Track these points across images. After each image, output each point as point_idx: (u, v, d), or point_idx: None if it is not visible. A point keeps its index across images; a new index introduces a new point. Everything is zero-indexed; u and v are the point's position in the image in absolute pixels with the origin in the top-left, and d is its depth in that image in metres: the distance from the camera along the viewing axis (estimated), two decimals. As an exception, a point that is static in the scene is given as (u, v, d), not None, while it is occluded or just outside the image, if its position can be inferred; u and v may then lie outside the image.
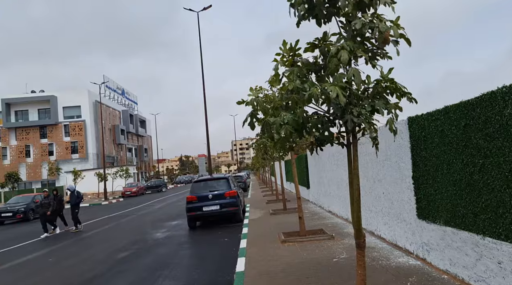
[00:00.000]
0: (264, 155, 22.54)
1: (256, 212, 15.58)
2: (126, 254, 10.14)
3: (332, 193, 12.71)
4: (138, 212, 22.30)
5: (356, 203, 4.29)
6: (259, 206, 17.99)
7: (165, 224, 15.70)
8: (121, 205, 30.35)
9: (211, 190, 13.59)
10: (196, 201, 13.42)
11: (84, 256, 10.45)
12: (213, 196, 13.41)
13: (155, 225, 15.55)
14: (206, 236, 11.99)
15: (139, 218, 19.04)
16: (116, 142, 74.02)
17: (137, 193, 41.28)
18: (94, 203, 34.41)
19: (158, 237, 12.48)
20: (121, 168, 47.54)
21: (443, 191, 5.30)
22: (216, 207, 13.32)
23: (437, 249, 5.66)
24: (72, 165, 63.88)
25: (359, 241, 4.25)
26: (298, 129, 4.07)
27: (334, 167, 11.99)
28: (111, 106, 73.48)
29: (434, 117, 5.39)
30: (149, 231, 14.14)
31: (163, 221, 16.62)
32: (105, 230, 15.70)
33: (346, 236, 8.85)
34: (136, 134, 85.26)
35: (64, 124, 66.33)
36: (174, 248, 10.43)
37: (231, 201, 13.48)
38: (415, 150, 6.09)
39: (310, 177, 17.45)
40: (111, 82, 76.46)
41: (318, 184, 15.19)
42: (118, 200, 36.90)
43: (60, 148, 66.25)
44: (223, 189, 13.68)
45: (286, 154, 14.01)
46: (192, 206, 13.40)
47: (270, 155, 16.56)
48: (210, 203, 13.35)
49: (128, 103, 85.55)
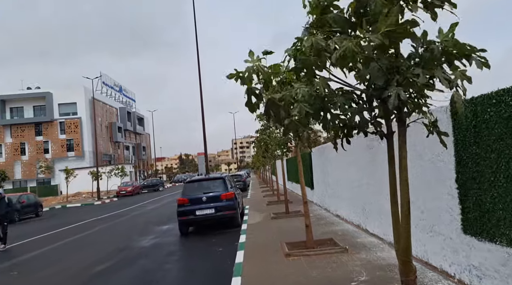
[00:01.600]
0: (264, 153, 21.21)
1: (256, 215, 14.20)
2: (103, 267, 8.74)
3: (341, 196, 11.31)
4: (130, 214, 20.89)
5: (404, 221, 2.88)
6: (259, 208, 16.59)
7: (155, 228, 14.30)
8: (114, 205, 28.95)
9: (206, 192, 12.18)
10: (188, 204, 12.01)
11: (55, 269, 9.04)
12: (207, 198, 12.01)
13: (144, 230, 14.16)
14: (198, 244, 10.60)
15: (128, 221, 17.63)
16: (113, 140, 72.58)
17: (132, 193, 39.87)
18: (87, 203, 33.00)
19: (144, 246, 11.07)
20: (116, 167, 46.08)
21: (508, 199, 3.90)
22: (210, 211, 11.92)
23: (495, 277, 4.26)
24: (68, 163, 62.35)
25: (407, 280, 2.83)
26: (316, 107, 2.66)
27: (344, 166, 10.60)
28: (108, 103, 72.02)
29: (495, 100, 3.98)
30: (136, 237, 12.73)
31: (153, 225, 15.22)
32: (86, 236, 14.26)
33: (361, 248, 7.45)
34: (134, 132, 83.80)
35: (59, 121, 64.90)
36: (160, 260, 9.03)
37: (228, 204, 12.08)
38: (461, 145, 4.68)
39: (315, 177, 16.05)
40: (108, 79, 74.98)
41: (324, 185, 13.80)
42: (112, 200, 35.47)
43: (56, 146, 64.85)
44: (219, 190, 12.27)
45: (290, 151, 12.59)
46: (183, 210, 12.00)
47: (271, 153, 15.16)
48: (204, 206, 11.94)
49: (126, 101, 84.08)
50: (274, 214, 13.44)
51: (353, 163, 9.66)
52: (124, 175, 46.96)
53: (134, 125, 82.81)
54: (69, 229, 16.48)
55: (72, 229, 16.22)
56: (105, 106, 70.60)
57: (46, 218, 23.81)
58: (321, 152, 13.99)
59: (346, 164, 10.39)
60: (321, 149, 13.90)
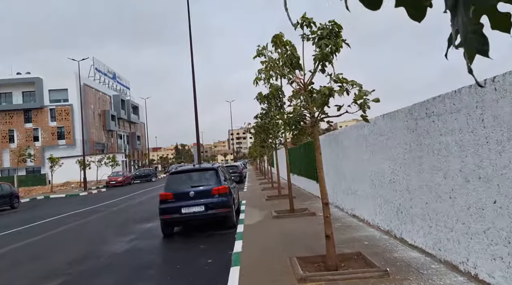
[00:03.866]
0: (263, 142, 19.03)
1: (254, 213, 12.02)
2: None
3: (361, 192, 9.12)
4: (114, 207, 18.68)
5: None
6: (257, 203, 14.42)
7: (136, 227, 12.11)
8: (101, 196, 26.74)
9: (194, 186, 9.98)
10: (173, 200, 9.82)
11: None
12: (196, 193, 9.81)
13: (122, 228, 11.98)
14: (182, 252, 8.40)
15: (109, 216, 15.42)
16: (106, 128, 70.14)
17: (123, 183, 37.65)
18: (72, 194, 30.73)
19: (116, 252, 8.86)
20: (107, 156, 43.76)
21: None
22: (199, 208, 9.73)
23: None
24: (58, 152, 60.12)
25: None
26: None
27: (366, 155, 8.41)
28: (100, 90, 69.47)
29: None
30: (110, 238, 10.55)
31: (135, 222, 13.02)
32: (52, 235, 11.99)
33: (405, 270, 5.26)
34: (128, 121, 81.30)
35: (50, 108, 62.48)
36: (128, 274, 6.85)
37: (221, 200, 9.89)
38: None
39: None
40: (101, 65, 72.33)
41: (336, 178, 11.62)
42: (100, 191, 33.21)
43: (46, 134, 62.45)
44: (210, 184, 10.08)
45: (304, 133, 10.29)
46: (166, 207, 9.81)
47: (274, 134, 13.02)
48: (192, 203, 9.75)
49: (120, 88, 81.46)
50: (276, 212, 11.26)
51: (381, 151, 7.46)
52: (116, 164, 44.66)
53: (128, 114, 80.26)
54: (38, 225, 14.28)
55: (41, 226, 14.02)
56: (98, 93, 68.08)
57: (22, 210, 21.57)
58: (332, 139, 11.79)
59: (369, 153, 8.19)
60: (333, 136, 11.70)
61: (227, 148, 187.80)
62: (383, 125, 7.30)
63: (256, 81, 11.42)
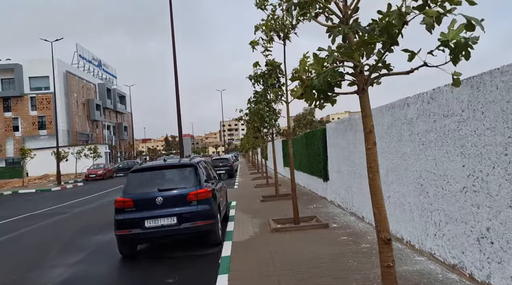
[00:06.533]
0: (256, 133, 16.30)
1: (247, 221, 9.31)
2: None
3: (395, 200, 6.42)
4: (79, 208, 15.81)
5: None
6: (250, 206, 11.71)
7: (91, 240, 9.30)
8: (74, 192, 23.81)
9: (163, 189, 7.20)
10: (133, 209, 7.04)
11: None
12: (165, 199, 7.04)
13: (72, 242, 9.19)
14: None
15: (66, 222, 12.54)
16: (90, 118, 66.81)
17: (103, 176, 34.69)
18: (43, 188, 27.65)
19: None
20: (88, 147, 40.69)
21: None
22: (170, 221, 6.97)
23: None
24: (39, 142, 56.98)
25: None
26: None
27: (410, 147, 5.71)
28: (85, 78, 65.97)
29: None
30: (49, 259, 7.76)
31: (93, 232, 10.20)
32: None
33: None
34: (114, 110, 77.92)
35: (30, 96, 59.15)
36: None
37: (201, 209, 7.12)
38: None
39: (330, 163, 11.21)
40: (85, 52, 68.78)
41: (351, 176, 8.93)
42: (75, 185, 30.19)
43: (26, 123, 59.18)
44: (186, 186, 7.30)
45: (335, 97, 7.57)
46: (124, 219, 7.03)
47: (269, 122, 10.37)
48: (159, 213, 6.98)
49: (106, 77, 77.92)
50: (275, 222, 8.54)
51: (445, 141, 4.77)
52: (98, 156, 41.65)
53: (114, 103, 76.85)
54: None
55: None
56: (82, 81, 64.66)
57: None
58: (348, 127, 9.09)
59: (417, 145, 5.49)
60: (349, 123, 9.00)
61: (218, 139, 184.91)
62: (452, 100, 4.60)
63: (252, 45, 8.69)
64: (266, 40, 8.48)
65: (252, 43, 8.64)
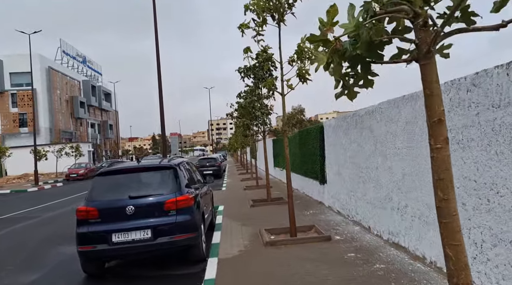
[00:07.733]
0: (245, 131, 15.19)
1: (236, 230, 8.14)
2: None
3: (414, 211, 5.32)
4: (50, 212, 14.40)
5: None
6: (240, 211, 10.54)
7: (53, 253, 8.01)
8: (51, 194, 22.31)
9: (134, 196, 5.97)
10: (98, 221, 5.82)
11: None
12: (137, 208, 5.83)
13: (31, 257, 7.90)
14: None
15: (31, 230, 11.14)
16: (74, 115, 64.80)
17: (85, 176, 33.09)
18: (19, 189, 26.02)
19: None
20: (69, 145, 39.05)
21: None
22: (143, 235, 5.76)
23: None
24: (20, 140, 54.88)
25: None
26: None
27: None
28: (68, 74, 63.95)
29: None
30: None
31: (59, 242, 8.89)
32: None
33: None
34: (99, 108, 75.88)
35: (11, 93, 57.01)
36: None
37: (181, 220, 5.93)
38: None
39: (328, 164, 10.11)
40: (69, 48, 66.76)
41: (355, 181, 7.82)
42: (54, 186, 28.59)
43: (7, 120, 57.03)
44: (163, 192, 6.09)
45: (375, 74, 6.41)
46: (87, 232, 5.80)
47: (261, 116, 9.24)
48: (130, 225, 5.77)
49: (91, 73, 75.85)
50: (268, 233, 7.38)
51: (495, 141, 3.69)
52: (80, 155, 40.02)
53: (99, 101, 74.84)
54: None
55: None
56: (65, 78, 62.67)
57: None
58: (352, 124, 7.98)
59: (454, 144, 4.40)
60: (353, 120, 7.89)
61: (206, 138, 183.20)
62: (509, 86, 3.50)
63: (242, 29, 7.51)
64: (258, 23, 7.26)
65: (242, 26, 7.41)
